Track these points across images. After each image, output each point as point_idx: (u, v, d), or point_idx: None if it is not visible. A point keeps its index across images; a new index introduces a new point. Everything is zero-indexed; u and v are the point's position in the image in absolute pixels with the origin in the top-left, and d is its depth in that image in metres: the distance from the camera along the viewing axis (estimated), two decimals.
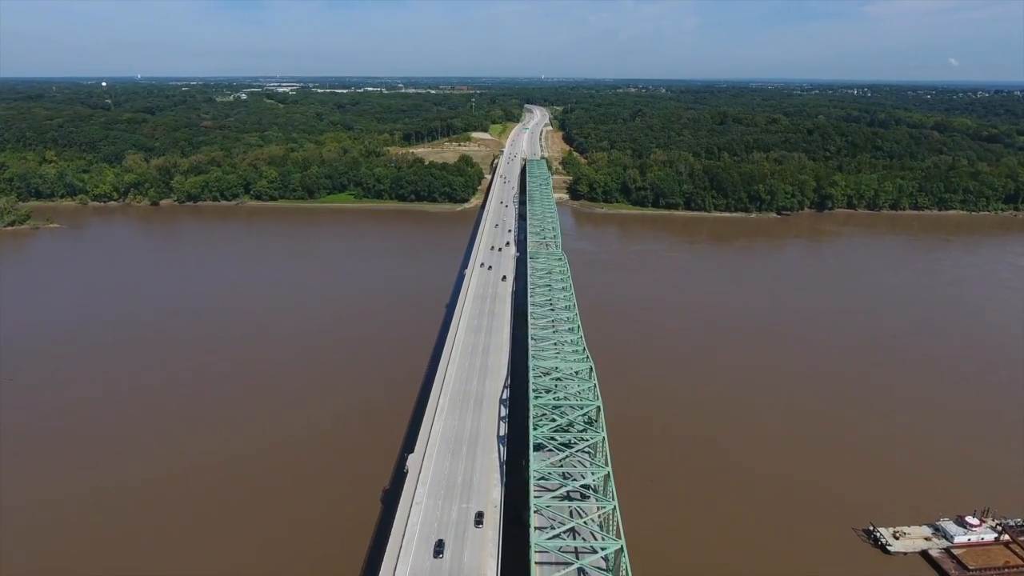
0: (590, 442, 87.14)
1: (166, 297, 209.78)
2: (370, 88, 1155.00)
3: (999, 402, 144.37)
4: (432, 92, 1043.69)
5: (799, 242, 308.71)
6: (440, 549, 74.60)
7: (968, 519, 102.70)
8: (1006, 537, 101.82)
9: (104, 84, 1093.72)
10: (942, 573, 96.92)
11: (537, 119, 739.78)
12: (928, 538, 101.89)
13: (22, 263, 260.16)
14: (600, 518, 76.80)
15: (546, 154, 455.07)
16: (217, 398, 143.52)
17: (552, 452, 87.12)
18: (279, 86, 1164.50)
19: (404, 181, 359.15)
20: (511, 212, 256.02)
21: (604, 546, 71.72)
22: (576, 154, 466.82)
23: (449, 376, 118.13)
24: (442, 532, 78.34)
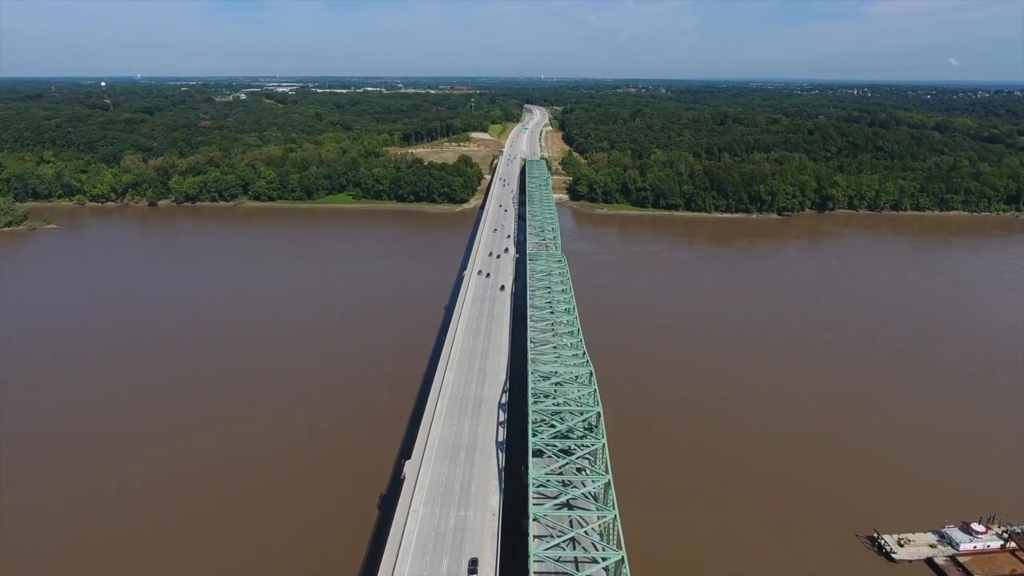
0: (590, 449, 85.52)
1: (164, 298, 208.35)
2: (370, 88, 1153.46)
3: (1005, 406, 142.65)
4: (432, 92, 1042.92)
5: (800, 243, 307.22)
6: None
7: (974, 526, 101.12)
8: (1012, 544, 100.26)
9: (103, 84, 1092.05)
10: None
11: (537, 119, 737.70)
12: (933, 545, 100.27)
13: (19, 264, 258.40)
14: (601, 527, 75.34)
15: (546, 154, 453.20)
16: (215, 399, 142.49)
17: (551, 459, 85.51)
18: (279, 86, 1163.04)
19: (403, 181, 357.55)
20: (510, 216, 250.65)
21: (605, 556, 70.25)
22: (576, 154, 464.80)
23: (447, 380, 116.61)
24: (439, 543, 76.81)
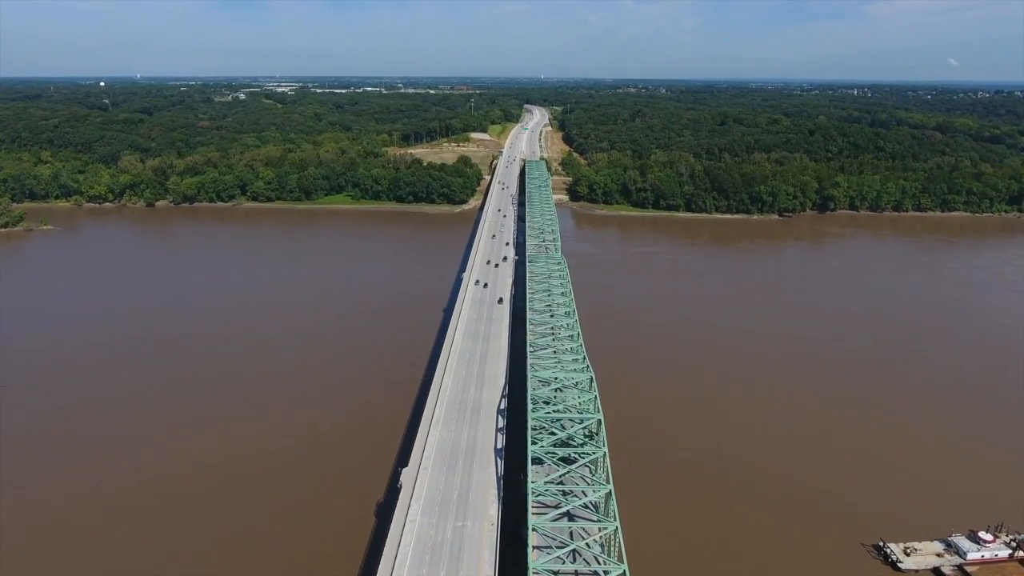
0: (591, 457, 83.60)
1: (162, 299, 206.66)
2: (369, 88, 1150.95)
3: (1013, 411, 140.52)
4: (431, 92, 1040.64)
5: (801, 244, 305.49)
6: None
7: (981, 534, 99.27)
8: (1021, 554, 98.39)
9: (102, 84, 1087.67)
10: None
11: (536, 119, 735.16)
12: (940, 554, 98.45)
13: (17, 265, 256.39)
14: (602, 539, 73.49)
15: (545, 155, 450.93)
16: (214, 400, 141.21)
17: (551, 467, 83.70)
18: (278, 86, 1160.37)
19: (402, 182, 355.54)
20: (509, 222, 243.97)
21: (606, 570, 68.35)
22: (576, 155, 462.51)
23: (446, 384, 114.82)
24: (436, 554, 74.97)
